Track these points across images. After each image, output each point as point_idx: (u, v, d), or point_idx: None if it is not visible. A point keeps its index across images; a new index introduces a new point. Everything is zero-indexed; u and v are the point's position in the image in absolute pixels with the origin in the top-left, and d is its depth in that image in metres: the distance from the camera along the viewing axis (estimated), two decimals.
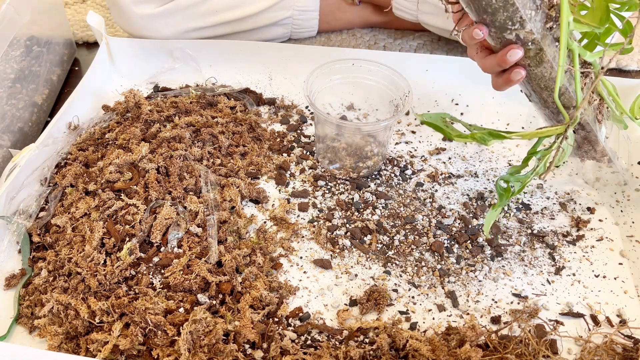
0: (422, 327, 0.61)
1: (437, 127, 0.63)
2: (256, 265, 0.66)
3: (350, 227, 0.71)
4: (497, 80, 0.65)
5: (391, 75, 0.78)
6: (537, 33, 0.57)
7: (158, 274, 0.64)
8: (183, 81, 0.94)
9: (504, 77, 0.63)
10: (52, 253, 0.66)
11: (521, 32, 0.57)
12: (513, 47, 0.58)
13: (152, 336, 0.57)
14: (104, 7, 1.20)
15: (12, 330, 0.60)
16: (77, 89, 0.85)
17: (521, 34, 0.57)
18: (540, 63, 0.60)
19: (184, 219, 0.68)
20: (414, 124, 0.87)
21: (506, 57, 0.59)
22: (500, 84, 0.64)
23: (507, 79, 0.62)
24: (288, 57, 0.95)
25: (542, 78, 0.62)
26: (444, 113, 0.66)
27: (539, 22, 0.57)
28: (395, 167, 0.80)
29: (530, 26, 0.57)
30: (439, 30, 1.03)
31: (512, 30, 0.57)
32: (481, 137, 0.61)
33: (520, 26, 0.56)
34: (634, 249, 0.70)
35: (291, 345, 0.58)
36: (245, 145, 0.81)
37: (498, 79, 0.64)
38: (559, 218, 0.74)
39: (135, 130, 0.78)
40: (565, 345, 0.59)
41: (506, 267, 0.68)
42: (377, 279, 0.66)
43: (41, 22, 0.92)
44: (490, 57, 0.62)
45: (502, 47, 0.59)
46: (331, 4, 1.06)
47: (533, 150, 0.64)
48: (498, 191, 0.64)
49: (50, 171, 0.76)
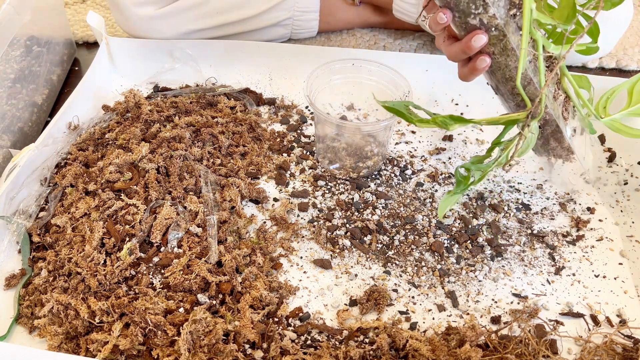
0: (422, 327, 0.61)
1: (399, 113, 0.62)
2: (256, 265, 0.66)
3: (350, 227, 0.71)
4: (463, 70, 0.65)
5: (391, 75, 0.78)
6: (500, 19, 0.58)
7: (158, 274, 0.64)
8: (183, 81, 0.94)
9: (470, 65, 0.63)
10: (52, 253, 0.66)
11: (484, 16, 0.58)
12: (477, 32, 0.59)
13: (152, 336, 0.57)
14: (104, 7, 1.20)
15: (12, 330, 0.60)
16: (77, 89, 0.85)
17: (484, 18, 0.58)
18: (504, 50, 0.60)
19: (184, 219, 0.68)
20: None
21: (470, 43, 0.60)
22: (466, 73, 0.65)
23: (473, 68, 0.63)
24: (288, 57, 0.95)
25: (507, 67, 0.62)
26: (407, 102, 0.65)
27: (503, 8, 0.58)
28: (395, 167, 0.80)
29: (494, 10, 0.57)
30: None
31: (475, 15, 0.58)
32: (443, 121, 0.60)
33: (483, 10, 0.57)
34: (634, 249, 0.70)
35: (291, 345, 0.58)
36: (245, 145, 0.81)
37: (464, 68, 0.65)
38: (559, 218, 0.74)
39: (135, 130, 0.78)
40: (565, 345, 0.59)
41: (506, 267, 0.68)
42: (377, 279, 0.66)
43: (41, 22, 0.92)
44: (456, 44, 0.62)
45: (467, 34, 0.60)
46: (331, 5, 1.06)
47: (497, 141, 0.63)
48: (457, 178, 0.64)
49: (50, 171, 0.76)
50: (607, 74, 0.99)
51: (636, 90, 0.64)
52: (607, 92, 0.65)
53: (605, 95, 0.65)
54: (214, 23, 0.97)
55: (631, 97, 0.64)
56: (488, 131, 0.86)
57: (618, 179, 0.79)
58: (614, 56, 1.03)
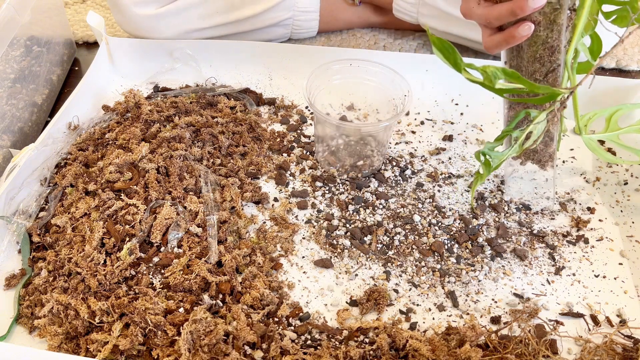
0: (422, 327, 0.61)
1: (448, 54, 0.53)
2: (256, 265, 0.66)
3: (350, 227, 0.71)
4: (494, 38, 0.58)
5: (391, 76, 0.78)
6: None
7: (158, 274, 0.64)
8: (183, 81, 0.94)
9: (508, 32, 0.57)
10: (52, 253, 0.66)
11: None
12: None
13: (152, 336, 0.57)
14: (104, 7, 1.20)
15: (12, 330, 0.60)
16: (77, 89, 0.85)
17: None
18: (552, 24, 0.55)
19: (184, 219, 0.68)
20: (414, 124, 0.87)
21: (527, 3, 0.53)
22: (497, 42, 0.58)
23: (511, 35, 0.56)
24: (288, 57, 0.95)
25: (543, 44, 0.56)
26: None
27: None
28: (395, 167, 0.80)
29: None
30: (439, 33, 1.03)
31: None
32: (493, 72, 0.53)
33: None
34: (634, 249, 0.70)
35: (291, 345, 0.58)
36: (245, 145, 0.81)
37: (495, 36, 0.58)
38: (559, 218, 0.74)
39: (135, 130, 0.78)
40: (565, 345, 0.59)
41: (506, 267, 0.68)
42: (377, 279, 0.66)
43: (41, 22, 0.92)
44: (502, 4, 0.55)
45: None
46: (331, 5, 1.06)
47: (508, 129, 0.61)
48: (480, 163, 0.62)
49: (50, 171, 0.76)
50: (607, 74, 0.99)
51: (613, 119, 0.69)
52: (590, 112, 0.70)
53: (587, 115, 0.69)
54: (213, 23, 0.97)
55: (608, 124, 0.70)
56: (488, 131, 0.86)
57: (618, 179, 0.79)
58: (614, 56, 1.03)
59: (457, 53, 0.53)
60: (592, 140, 0.69)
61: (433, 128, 0.87)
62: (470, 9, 0.60)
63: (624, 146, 0.72)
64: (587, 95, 0.80)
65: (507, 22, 0.58)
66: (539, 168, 0.71)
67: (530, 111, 0.60)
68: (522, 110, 0.61)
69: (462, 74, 0.54)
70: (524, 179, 0.73)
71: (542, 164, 0.71)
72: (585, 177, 0.79)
